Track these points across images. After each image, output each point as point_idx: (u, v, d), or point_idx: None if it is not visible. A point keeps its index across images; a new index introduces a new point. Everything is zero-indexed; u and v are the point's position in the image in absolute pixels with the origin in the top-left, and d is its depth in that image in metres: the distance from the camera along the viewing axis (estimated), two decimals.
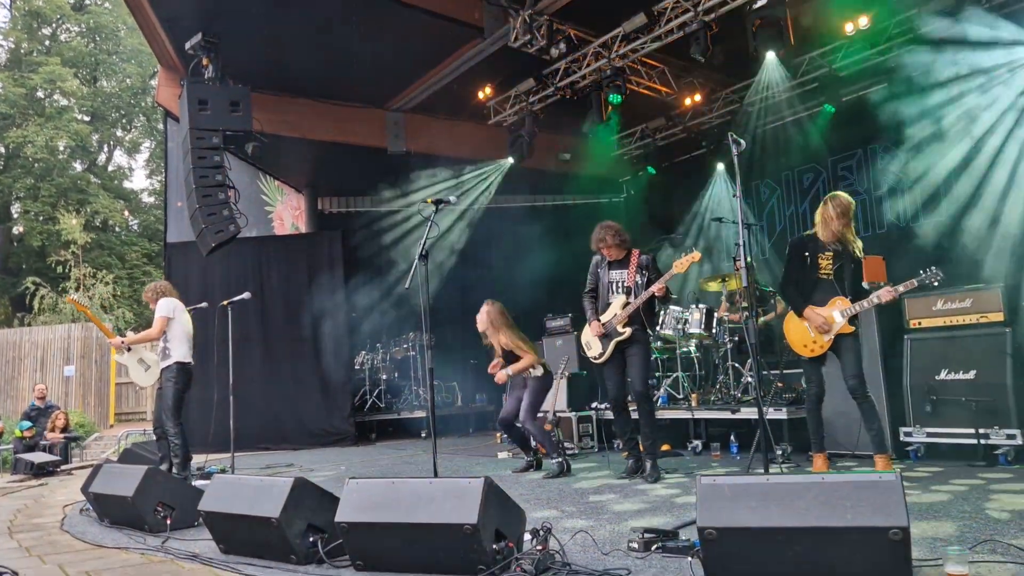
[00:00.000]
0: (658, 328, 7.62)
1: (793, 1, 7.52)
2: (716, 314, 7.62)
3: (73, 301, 7.68)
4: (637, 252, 5.51)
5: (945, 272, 4.72)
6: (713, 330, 7.54)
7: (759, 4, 7.30)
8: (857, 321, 4.92)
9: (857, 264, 4.97)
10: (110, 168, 28.83)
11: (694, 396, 7.22)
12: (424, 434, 10.45)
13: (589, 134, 9.94)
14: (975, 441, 5.25)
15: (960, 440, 5.39)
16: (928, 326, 5.81)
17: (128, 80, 28.22)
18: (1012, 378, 5.22)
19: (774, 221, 10.57)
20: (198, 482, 5.74)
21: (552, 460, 5.95)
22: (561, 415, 7.53)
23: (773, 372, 6.96)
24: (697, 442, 6.93)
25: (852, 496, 2.46)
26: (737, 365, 7.28)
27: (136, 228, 28.00)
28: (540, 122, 10.05)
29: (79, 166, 26.72)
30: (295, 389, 10.54)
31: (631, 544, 3.23)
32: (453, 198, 5.07)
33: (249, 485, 3.66)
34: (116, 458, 8.95)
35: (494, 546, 2.95)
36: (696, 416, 7.03)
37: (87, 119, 26.69)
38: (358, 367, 11.51)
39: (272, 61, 9.26)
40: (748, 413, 6.40)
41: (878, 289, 4.86)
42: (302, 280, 10.82)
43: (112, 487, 4.60)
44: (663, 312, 7.62)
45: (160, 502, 4.37)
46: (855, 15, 7.77)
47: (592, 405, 7.80)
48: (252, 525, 3.45)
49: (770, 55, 8.36)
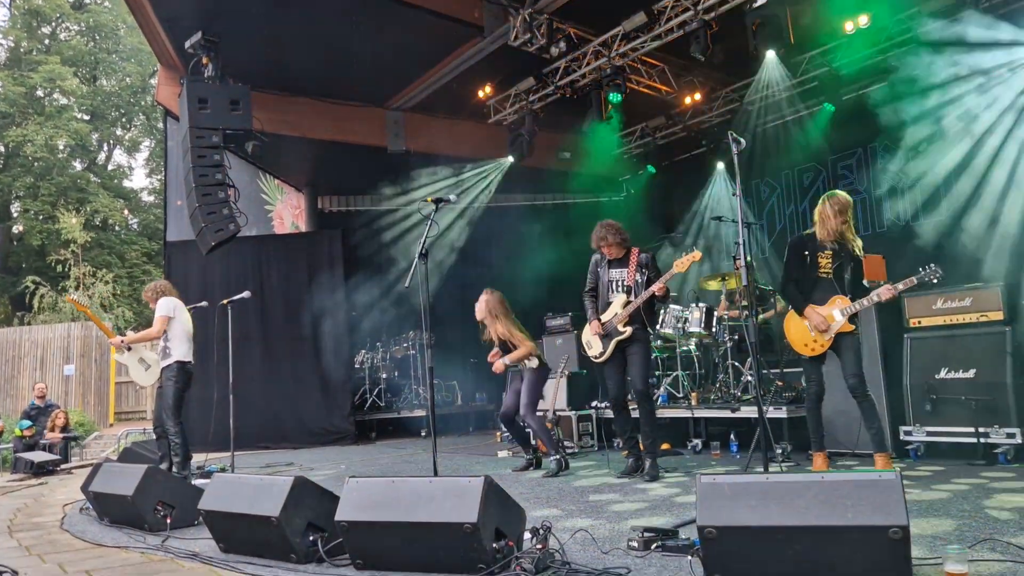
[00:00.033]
0: (658, 327, 7.62)
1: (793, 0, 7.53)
2: (716, 313, 7.62)
3: (73, 301, 7.68)
4: (637, 250, 5.52)
5: (945, 271, 4.71)
6: (713, 329, 7.54)
7: (759, 3, 7.30)
8: (857, 320, 4.92)
9: (857, 263, 4.96)
10: (110, 167, 28.82)
11: (694, 395, 7.23)
12: (424, 433, 10.45)
13: (589, 133, 9.94)
14: (975, 440, 5.26)
15: (960, 439, 5.39)
16: (928, 325, 5.81)
17: (128, 79, 28.21)
18: (1012, 377, 5.23)
19: (774, 220, 10.57)
20: (198, 481, 5.74)
21: (550, 458, 5.95)
22: (561, 414, 7.53)
23: (773, 371, 6.96)
24: (697, 441, 6.94)
25: (852, 495, 2.46)
26: (737, 364, 7.28)
27: (136, 227, 27.99)
28: (540, 121, 10.05)
29: (79, 165, 26.72)
30: (295, 388, 10.54)
31: (631, 543, 3.23)
32: (453, 197, 5.08)
33: (249, 484, 3.66)
34: (116, 457, 8.95)
35: (494, 545, 2.95)
36: (696, 415, 7.04)
37: (87, 118, 26.68)
38: (358, 366, 11.52)
39: (272, 60, 9.25)
40: (748, 412, 6.40)
41: (878, 288, 4.86)
42: (302, 279, 10.82)
43: (112, 486, 4.60)
44: (663, 311, 7.63)
45: (160, 501, 4.37)
46: (855, 14, 7.77)
47: (592, 404, 7.80)
48: (252, 524, 3.45)
49: (770, 54, 8.36)
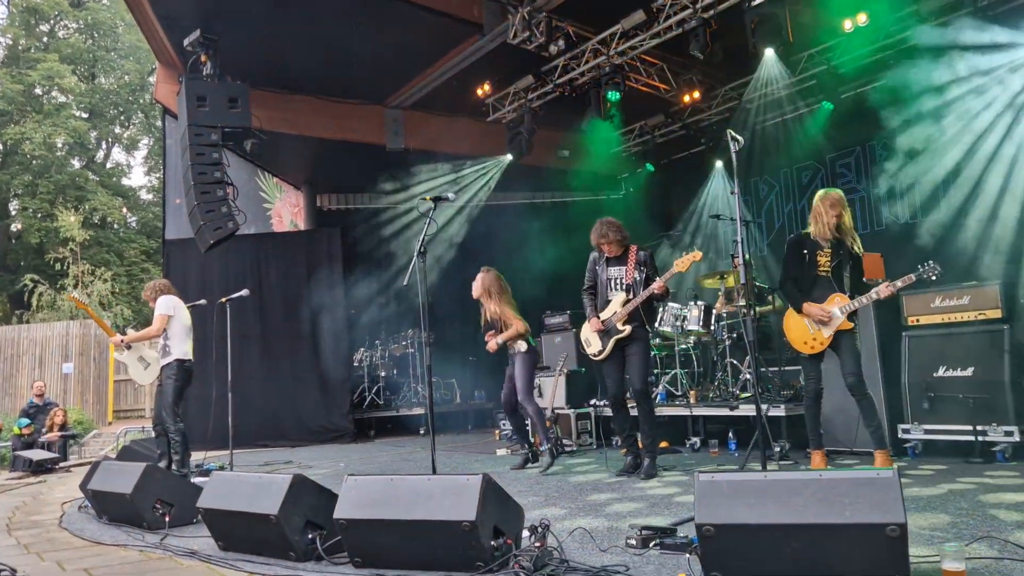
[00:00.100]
0: (657, 325, 7.62)
1: None
2: (714, 311, 7.63)
3: (74, 298, 7.68)
4: (635, 248, 5.52)
5: (943, 269, 4.70)
6: (712, 327, 7.54)
7: (757, 1, 7.28)
8: (856, 318, 4.92)
9: (856, 261, 4.95)
10: (108, 165, 28.80)
11: (692, 393, 7.23)
12: (423, 431, 10.46)
13: (588, 131, 9.93)
14: (973, 438, 5.26)
15: (958, 437, 5.40)
16: (926, 323, 5.82)
17: (126, 77, 28.18)
18: (1010, 375, 5.23)
19: (772, 218, 10.57)
20: (196, 479, 5.74)
21: (543, 448, 5.97)
22: (560, 412, 7.54)
23: (772, 369, 6.96)
24: (695, 439, 6.94)
25: (850, 493, 2.46)
26: (735, 362, 7.28)
27: (134, 225, 27.98)
28: (539, 119, 10.04)
29: (77, 163, 26.69)
30: (294, 386, 10.54)
31: (629, 541, 3.24)
32: (451, 195, 5.08)
33: (248, 482, 3.67)
34: (114, 455, 8.95)
35: (492, 543, 2.95)
36: (694, 413, 7.04)
37: (85, 116, 26.64)
38: (357, 364, 11.52)
39: (271, 58, 9.24)
40: (746, 410, 6.40)
41: (876, 285, 4.86)
42: (301, 277, 10.82)
43: (110, 484, 4.60)
44: (662, 309, 7.63)
45: (158, 499, 4.37)
46: (854, 12, 7.76)
47: (591, 402, 7.81)
48: (251, 522, 3.46)
49: (769, 52, 8.36)
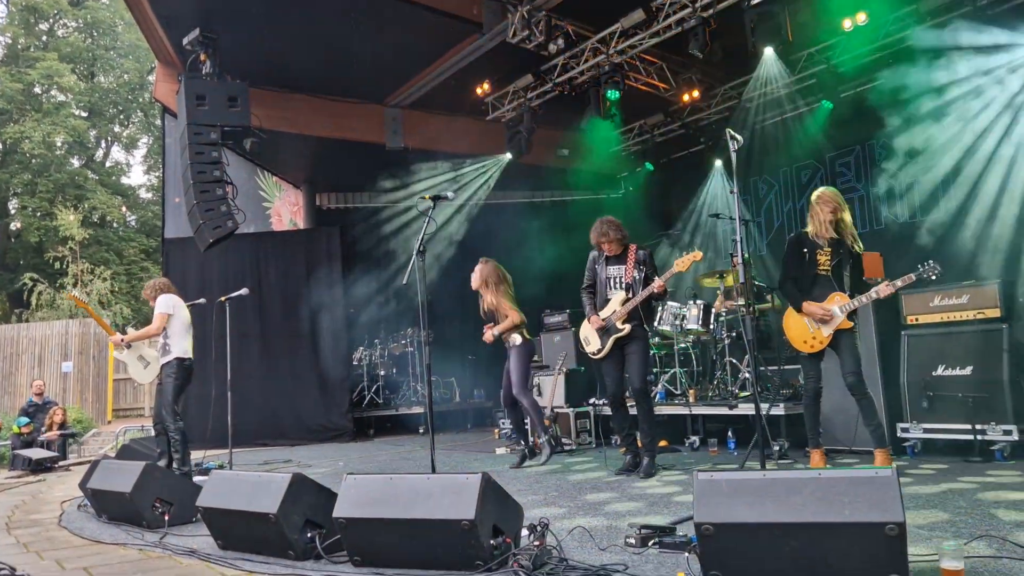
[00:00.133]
0: (656, 324, 7.63)
1: None
2: (713, 309, 7.63)
3: (74, 297, 7.68)
4: (634, 247, 5.53)
5: (942, 268, 4.71)
6: (711, 326, 7.55)
7: (756, 0, 7.28)
8: (856, 317, 4.92)
9: (856, 259, 4.96)
10: (107, 164, 28.79)
11: (692, 392, 7.23)
12: (422, 430, 10.46)
13: (587, 130, 9.92)
14: (972, 437, 5.27)
15: (957, 436, 5.40)
16: (925, 322, 5.82)
17: (126, 76, 28.16)
18: (1008, 374, 5.23)
19: (772, 217, 10.57)
20: (196, 478, 5.74)
21: (542, 439, 5.98)
22: (559, 411, 7.55)
23: (771, 368, 6.96)
24: (695, 438, 6.95)
25: (849, 492, 2.47)
26: (735, 361, 7.28)
27: (134, 224, 27.97)
28: (538, 118, 10.03)
29: (76, 162, 26.67)
30: (293, 385, 10.54)
31: (628, 540, 3.24)
32: (450, 194, 5.07)
33: (247, 481, 3.67)
34: (114, 454, 8.95)
35: (491, 542, 2.96)
36: (694, 412, 7.04)
37: (84, 115, 26.63)
38: (356, 363, 11.52)
39: (270, 57, 9.24)
40: (746, 409, 6.40)
41: (876, 285, 4.86)
42: (300, 276, 10.82)
43: (110, 483, 4.60)
44: (661, 308, 7.64)
45: (158, 498, 4.37)
46: (853, 11, 7.76)
47: (590, 401, 7.81)
48: (250, 521, 3.46)
49: (768, 51, 8.36)
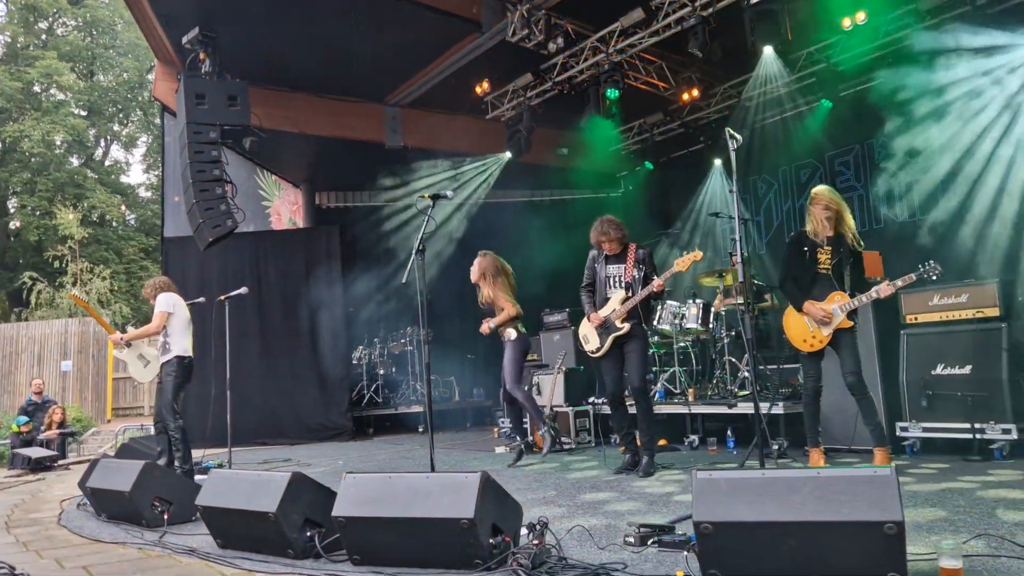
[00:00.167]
0: (655, 323, 7.63)
1: None
2: (712, 308, 7.63)
3: (74, 296, 7.68)
4: (634, 246, 5.53)
5: (942, 268, 4.72)
6: (710, 325, 7.56)
7: None
8: (856, 316, 4.92)
9: (856, 258, 4.96)
10: (107, 163, 28.78)
11: (691, 391, 7.24)
12: (421, 429, 10.45)
13: (587, 129, 9.92)
14: (971, 436, 5.27)
15: (956, 435, 5.41)
16: (924, 321, 5.82)
17: (125, 74, 28.15)
18: (1007, 373, 5.23)
19: (771, 216, 10.56)
20: (196, 476, 5.74)
21: (541, 431, 5.98)
22: (558, 410, 7.55)
23: (770, 367, 6.97)
24: (694, 437, 6.95)
25: (848, 490, 2.47)
26: (734, 360, 7.28)
27: (133, 223, 27.96)
28: (538, 117, 10.02)
29: (76, 161, 26.67)
30: (292, 384, 10.54)
31: (627, 538, 3.24)
32: (450, 193, 5.07)
33: (246, 480, 3.67)
34: (113, 453, 8.95)
35: (491, 540, 2.96)
36: (693, 411, 7.05)
37: (84, 113, 26.62)
38: (356, 362, 11.52)
39: (270, 56, 9.23)
40: (745, 408, 6.41)
41: (876, 284, 4.86)
42: (299, 275, 10.82)
43: (109, 482, 4.61)
44: (660, 307, 7.64)
45: (157, 497, 4.37)
46: (852, 10, 7.76)
47: (589, 400, 7.81)
48: (249, 520, 3.46)
49: (768, 50, 8.36)
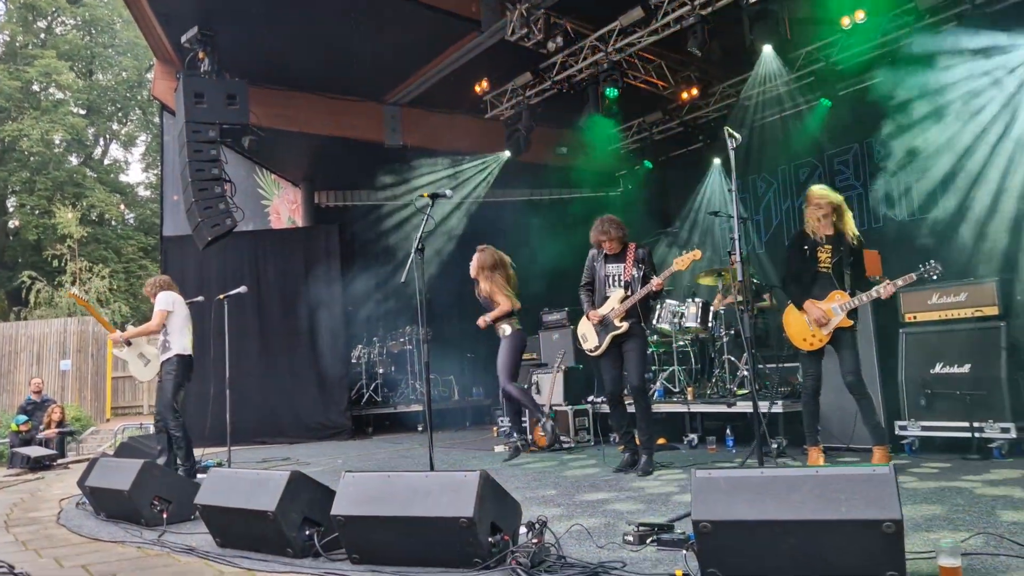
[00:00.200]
0: (654, 322, 7.64)
1: None
2: (712, 307, 7.64)
3: (74, 295, 7.69)
4: (634, 246, 5.54)
5: (941, 267, 4.72)
6: (709, 324, 7.56)
7: None
8: (856, 315, 4.92)
9: (856, 256, 4.96)
10: (106, 162, 28.76)
11: (690, 390, 7.24)
12: (421, 428, 10.46)
13: (586, 128, 9.92)
14: (969, 434, 5.27)
15: (954, 433, 5.41)
16: (923, 320, 5.82)
17: (124, 73, 28.13)
18: (1006, 372, 5.23)
19: (770, 215, 10.56)
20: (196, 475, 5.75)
21: (540, 421, 5.98)
22: (558, 408, 7.55)
23: (769, 366, 6.97)
24: (693, 435, 6.95)
25: (846, 489, 2.47)
26: (733, 359, 7.29)
27: (132, 222, 27.95)
28: (537, 116, 10.02)
29: (75, 160, 26.65)
30: (292, 383, 10.54)
31: (626, 537, 3.25)
32: (449, 192, 5.06)
33: (245, 479, 3.67)
34: (112, 452, 8.96)
35: (490, 539, 2.96)
36: (692, 410, 7.05)
37: (83, 112, 26.60)
38: (355, 361, 11.51)
39: (269, 55, 9.23)
40: (744, 407, 6.41)
41: (875, 283, 4.86)
42: (299, 274, 10.81)
43: (108, 481, 4.60)
44: (659, 306, 7.64)
45: (156, 496, 4.37)
46: (851, 9, 7.76)
47: (588, 399, 7.82)
48: (248, 518, 3.46)
49: (767, 49, 8.35)
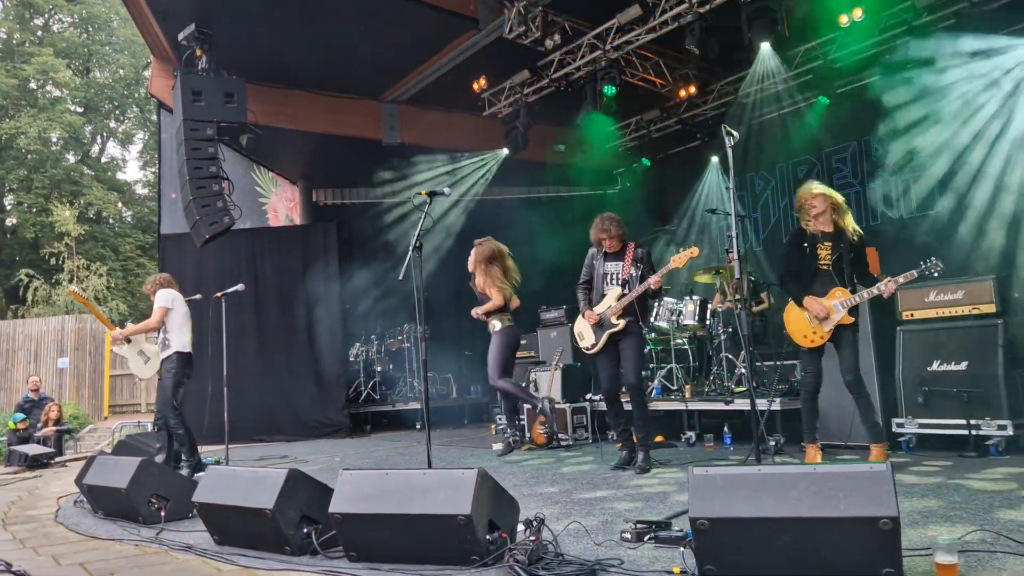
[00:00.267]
0: (652, 320, 7.64)
1: None
2: (710, 306, 7.64)
3: (73, 292, 7.66)
4: (633, 245, 5.55)
5: (941, 263, 4.73)
6: (707, 322, 7.57)
7: None
8: (856, 312, 4.92)
9: (858, 252, 4.96)
10: (103, 159, 28.71)
11: (688, 387, 7.24)
12: (418, 426, 10.46)
13: (584, 126, 9.92)
14: (967, 432, 5.28)
15: (952, 431, 5.42)
16: (921, 317, 5.83)
17: (121, 71, 28.07)
18: (1004, 369, 5.25)
19: (768, 213, 10.57)
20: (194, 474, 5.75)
21: (539, 409, 6.00)
22: (556, 406, 7.55)
23: (767, 363, 6.98)
24: (691, 433, 6.96)
25: (843, 486, 2.48)
26: (731, 356, 7.30)
27: (130, 220, 27.89)
28: (535, 114, 10.01)
29: (72, 157, 26.60)
30: (289, 381, 10.53)
31: (624, 534, 3.25)
32: (447, 189, 5.05)
33: (243, 476, 3.67)
34: (110, 450, 8.95)
35: (487, 536, 2.96)
36: (690, 407, 7.05)
37: (80, 110, 26.55)
38: (353, 359, 11.51)
39: (267, 54, 9.21)
40: (742, 404, 6.42)
41: (877, 281, 4.86)
42: (296, 272, 10.80)
43: (106, 479, 4.60)
44: (657, 304, 7.64)
45: (154, 494, 4.37)
46: (850, 7, 7.75)
47: (586, 396, 7.82)
48: (246, 516, 3.46)
49: (765, 46, 8.34)
